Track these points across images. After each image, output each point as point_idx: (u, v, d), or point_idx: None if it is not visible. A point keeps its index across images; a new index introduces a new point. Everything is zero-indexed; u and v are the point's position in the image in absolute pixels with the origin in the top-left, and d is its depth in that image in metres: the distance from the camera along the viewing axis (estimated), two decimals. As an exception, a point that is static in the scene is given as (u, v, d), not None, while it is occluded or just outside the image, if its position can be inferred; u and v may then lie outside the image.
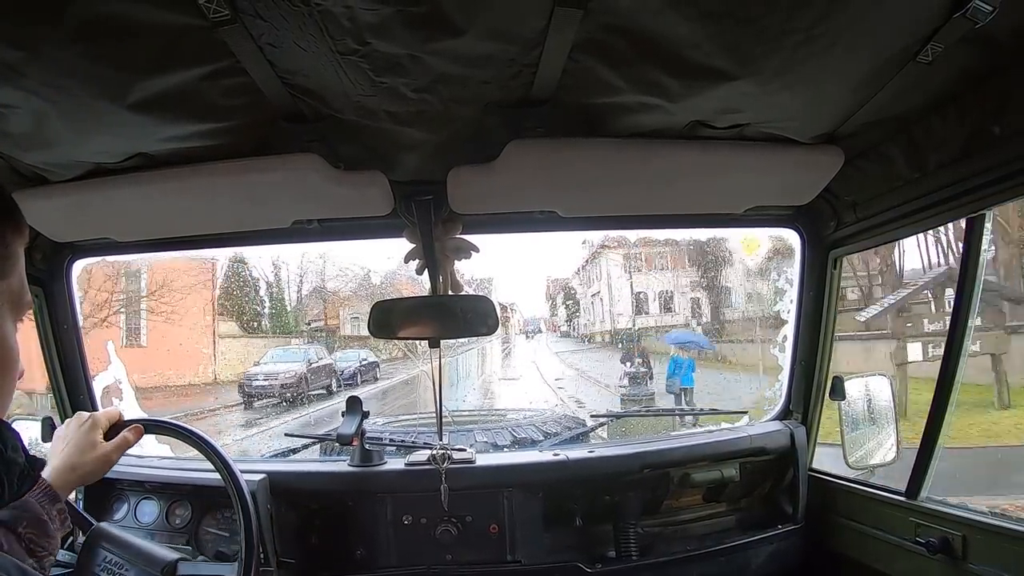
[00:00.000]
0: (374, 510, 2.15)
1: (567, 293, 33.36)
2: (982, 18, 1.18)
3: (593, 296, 27.67)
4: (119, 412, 1.63)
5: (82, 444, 1.51)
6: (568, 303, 32.73)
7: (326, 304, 18.83)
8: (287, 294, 18.98)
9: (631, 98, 1.49)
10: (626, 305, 22.89)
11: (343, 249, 30.16)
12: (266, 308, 17.93)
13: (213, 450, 1.80)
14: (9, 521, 1.28)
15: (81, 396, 2.29)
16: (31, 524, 1.31)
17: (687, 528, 2.32)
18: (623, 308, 23.18)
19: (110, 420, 1.58)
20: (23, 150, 1.57)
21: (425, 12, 1.14)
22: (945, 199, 1.69)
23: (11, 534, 1.28)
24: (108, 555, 1.65)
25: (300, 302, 19.30)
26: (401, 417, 3.78)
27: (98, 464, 1.51)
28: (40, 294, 2.16)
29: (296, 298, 19.28)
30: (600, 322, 26.49)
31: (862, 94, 1.51)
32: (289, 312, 18.51)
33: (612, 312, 24.06)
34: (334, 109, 1.49)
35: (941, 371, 1.83)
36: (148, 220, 1.96)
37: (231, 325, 16.75)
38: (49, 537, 1.34)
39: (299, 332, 18.12)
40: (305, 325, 18.54)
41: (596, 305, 27.17)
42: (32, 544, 1.30)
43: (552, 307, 37.40)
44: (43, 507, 1.34)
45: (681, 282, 21.12)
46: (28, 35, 1.12)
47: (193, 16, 1.10)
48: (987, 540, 1.70)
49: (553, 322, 37.03)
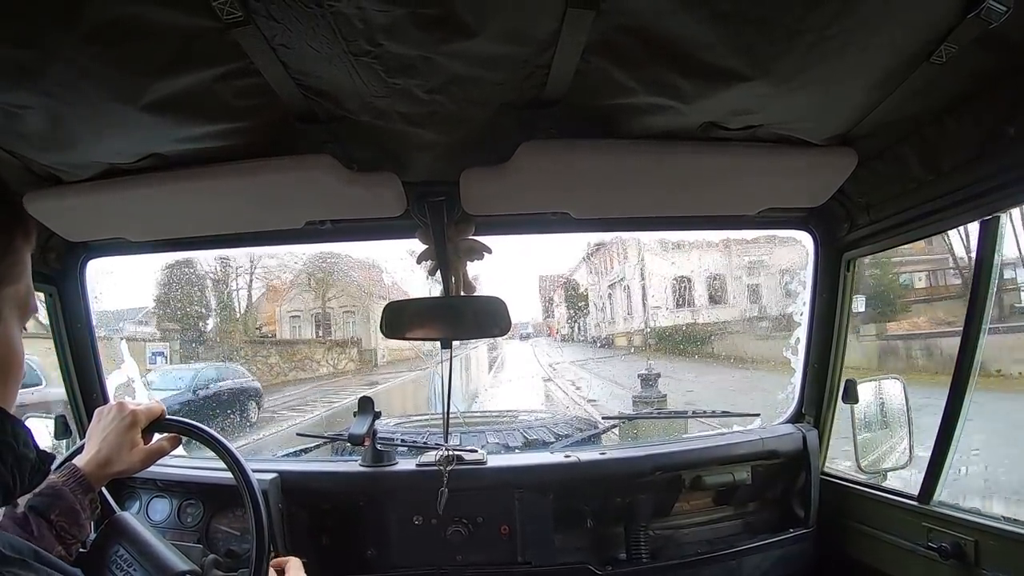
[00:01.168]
0: (385, 510, 2.16)
1: (570, 288, 32.44)
2: (996, 18, 1.17)
3: (613, 286, 26.26)
4: (162, 409, 1.61)
5: (120, 441, 1.49)
6: (574, 300, 31.79)
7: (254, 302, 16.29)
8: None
9: (644, 99, 1.48)
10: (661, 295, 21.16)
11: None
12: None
13: (225, 449, 1.81)
14: (42, 508, 1.30)
15: (94, 395, 2.31)
16: (63, 512, 1.32)
17: (698, 531, 2.31)
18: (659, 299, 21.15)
19: (150, 418, 1.56)
20: (38, 151, 1.58)
21: (438, 13, 1.14)
22: (959, 201, 1.68)
23: (43, 521, 1.29)
24: (121, 550, 1.65)
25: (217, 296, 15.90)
26: (413, 417, 3.78)
27: (132, 466, 1.50)
28: (54, 293, 2.18)
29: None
30: (624, 319, 24.93)
31: (876, 95, 1.50)
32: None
33: (642, 305, 22.58)
34: (347, 110, 1.50)
35: (955, 375, 1.81)
36: (161, 220, 1.98)
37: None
38: (80, 526, 1.35)
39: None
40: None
41: (616, 298, 25.88)
42: (63, 532, 1.32)
43: (548, 307, 36.12)
44: (76, 496, 1.36)
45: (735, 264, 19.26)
46: (43, 37, 1.13)
47: (206, 18, 1.11)
48: (1000, 546, 1.69)
49: (549, 324, 35.59)
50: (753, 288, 19.47)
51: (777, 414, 2.54)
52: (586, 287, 31.32)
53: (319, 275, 18.06)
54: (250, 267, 16.74)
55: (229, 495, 2.05)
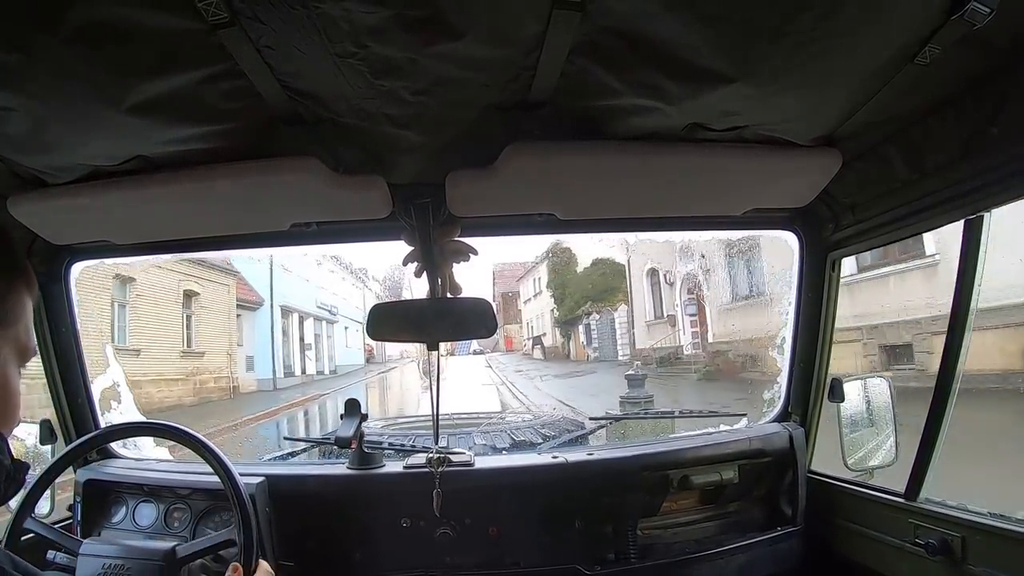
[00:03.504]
0: (372, 513, 2.16)
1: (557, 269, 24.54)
2: (980, 20, 1.18)
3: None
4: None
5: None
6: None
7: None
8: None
9: (629, 101, 1.49)
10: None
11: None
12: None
13: (212, 453, 1.80)
14: None
15: (80, 400, 2.29)
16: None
17: (686, 530, 2.32)
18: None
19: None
20: (21, 153, 1.57)
21: (424, 15, 1.14)
22: (943, 201, 1.69)
23: None
24: (107, 561, 1.65)
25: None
26: (400, 420, 3.78)
27: None
28: (38, 297, 2.16)
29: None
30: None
31: (860, 96, 1.51)
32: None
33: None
34: (333, 112, 1.49)
35: (940, 372, 1.83)
36: (146, 223, 1.96)
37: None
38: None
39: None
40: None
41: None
42: None
43: (508, 307, 30.35)
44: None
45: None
46: (26, 38, 1.12)
47: (191, 19, 1.10)
48: (986, 541, 1.70)
49: (509, 334, 29.28)
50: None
51: (763, 413, 2.55)
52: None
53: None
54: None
55: (216, 499, 2.04)
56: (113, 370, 2.66)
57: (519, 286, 30.92)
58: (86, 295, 4.78)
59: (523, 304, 30.65)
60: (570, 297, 25.53)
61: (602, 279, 24.31)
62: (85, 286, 4.96)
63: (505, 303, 30.71)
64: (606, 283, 24.00)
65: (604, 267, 24.03)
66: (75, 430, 2.28)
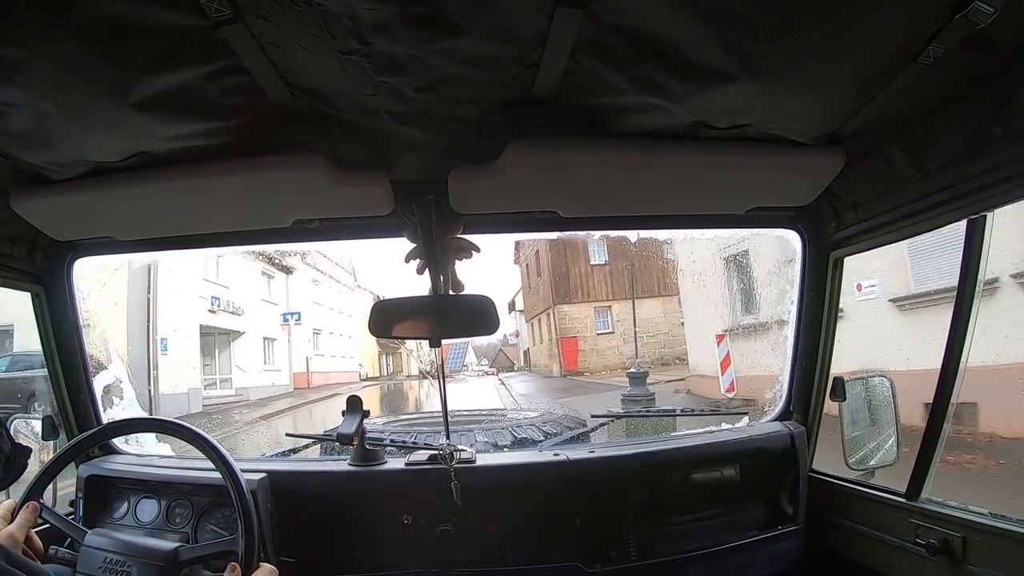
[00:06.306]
0: (374, 510, 2.16)
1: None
2: (983, 19, 1.18)
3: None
4: (11, 503, 1.66)
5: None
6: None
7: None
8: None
9: (632, 99, 1.49)
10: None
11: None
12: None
13: (214, 449, 1.80)
14: None
15: (82, 395, 2.29)
16: None
17: (687, 529, 2.31)
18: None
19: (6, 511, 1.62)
20: (24, 149, 1.57)
21: (427, 12, 1.15)
22: (946, 200, 1.69)
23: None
24: (108, 556, 1.65)
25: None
26: (402, 417, 3.78)
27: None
28: (41, 293, 2.16)
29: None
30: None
31: (864, 95, 1.51)
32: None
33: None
34: (336, 109, 1.49)
35: (941, 373, 1.83)
36: (149, 219, 1.96)
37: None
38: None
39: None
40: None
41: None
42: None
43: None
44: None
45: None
46: (30, 34, 1.13)
47: (194, 15, 1.11)
48: (987, 541, 1.70)
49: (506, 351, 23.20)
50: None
51: (764, 412, 2.55)
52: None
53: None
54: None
55: (218, 495, 2.04)
56: (115, 366, 2.66)
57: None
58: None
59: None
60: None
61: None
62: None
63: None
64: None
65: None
66: (77, 425, 2.29)
